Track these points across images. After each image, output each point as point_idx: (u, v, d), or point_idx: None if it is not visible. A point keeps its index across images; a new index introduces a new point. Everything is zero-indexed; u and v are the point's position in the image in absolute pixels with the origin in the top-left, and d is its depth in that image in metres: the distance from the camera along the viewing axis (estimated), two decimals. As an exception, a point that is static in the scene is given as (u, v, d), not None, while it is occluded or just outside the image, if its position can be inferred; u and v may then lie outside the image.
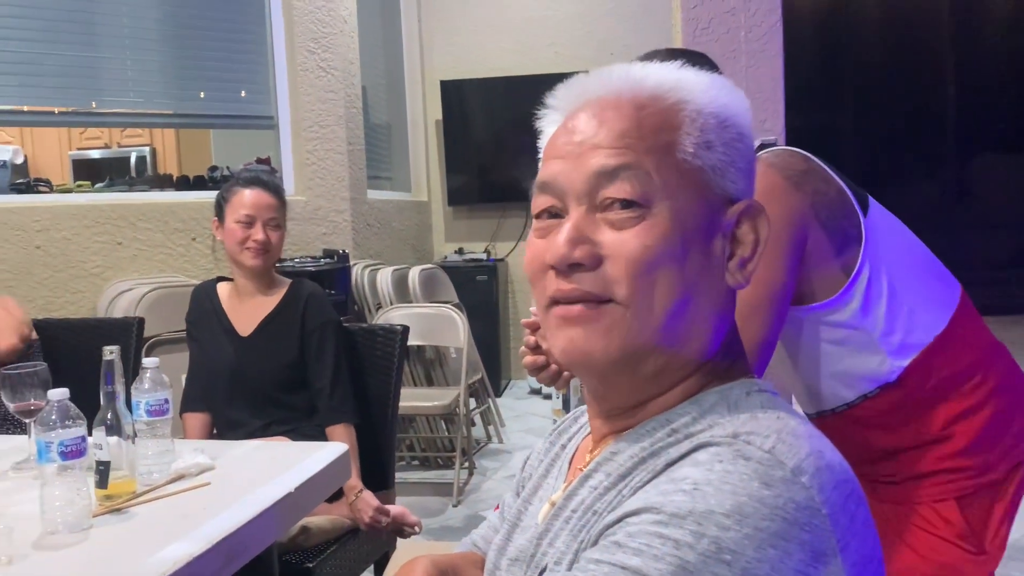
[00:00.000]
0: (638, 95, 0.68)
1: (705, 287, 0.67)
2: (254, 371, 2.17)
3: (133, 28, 3.88)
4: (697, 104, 0.68)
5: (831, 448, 0.63)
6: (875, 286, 1.29)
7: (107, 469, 1.39)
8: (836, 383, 1.36)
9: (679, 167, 0.66)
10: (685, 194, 0.66)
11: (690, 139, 0.67)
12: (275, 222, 2.21)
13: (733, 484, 0.56)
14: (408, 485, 3.83)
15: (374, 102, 5.41)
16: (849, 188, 1.33)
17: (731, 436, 0.60)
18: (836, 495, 0.58)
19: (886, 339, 1.30)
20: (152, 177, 5.40)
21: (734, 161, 0.68)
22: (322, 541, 1.97)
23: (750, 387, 0.69)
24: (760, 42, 1.96)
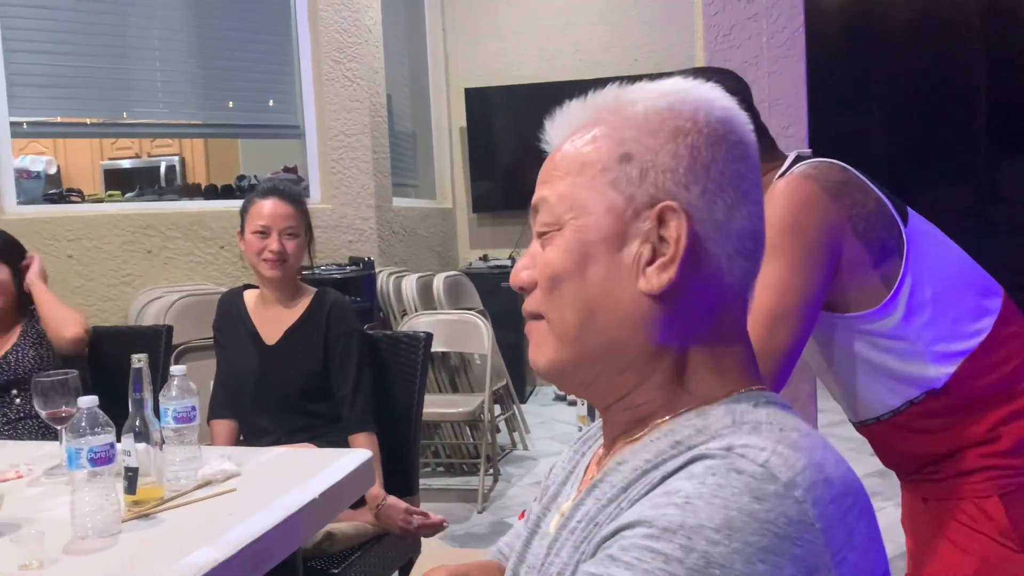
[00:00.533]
0: (572, 123, 0.73)
1: (614, 296, 0.68)
2: (279, 379, 2.19)
3: (163, 40, 3.95)
4: (621, 118, 0.70)
5: (835, 461, 0.63)
6: (918, 296, 1.30)
7: (135, 475, 1.41)
8: (881, 390, 1.36)
9: (588, 185, 0.69)
10: (588, 209, 0.69)
11: (604, 155, 0.69)
12: (291, 231, 2.20)
13: (724, 498, 0.56)
14: (433, 491, 3.84)
15: (399, 110, 5.45)
16: (888, 198, 1.34)
17: (726, 449, 0.60)
18: (832, 509, 0.58)
19: (931, 347, 1.30)
20: (181, 186, 5.48)
21: (659, 163, 0.67)
22: (347, 547, 1.99)
23: (758, 399, 0.68)
24: (783, 47, 1.95)
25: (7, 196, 3.40)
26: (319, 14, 4.26)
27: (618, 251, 0.68)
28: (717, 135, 0.68)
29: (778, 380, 1.26)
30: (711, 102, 0.70)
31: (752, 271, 0.70)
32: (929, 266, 1.32)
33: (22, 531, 1.32)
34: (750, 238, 0.69)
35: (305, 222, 2.27)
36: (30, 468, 1.69)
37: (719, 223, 0.67)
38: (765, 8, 1.95)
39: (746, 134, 0.71)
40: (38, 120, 3.69)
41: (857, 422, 1.47)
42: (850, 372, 1.39)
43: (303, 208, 2.28)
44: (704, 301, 0.68)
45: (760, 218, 0.70)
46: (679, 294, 0.67)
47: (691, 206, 0.66)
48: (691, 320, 0.68)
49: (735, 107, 0.71)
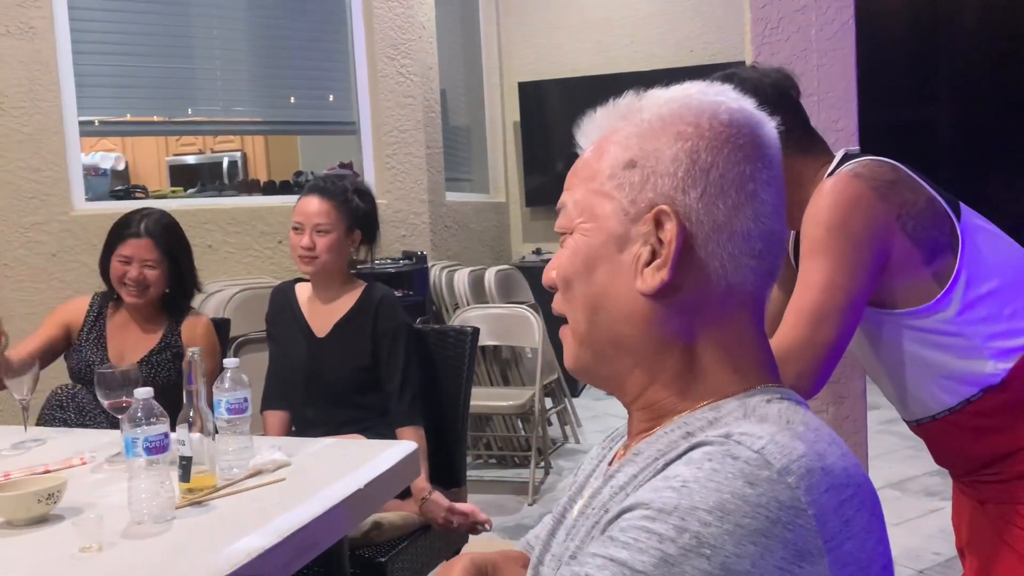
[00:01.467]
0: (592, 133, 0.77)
1: (616, 297, 0.72)
2: (329, 372, 2.24)
3: (224, 40, 4.06)
4: (627, 128, 0.73)
5: (841, 454, 0.64)
6: (974, 291, 1.29)
7: (189, 464, 1.47)
8: (936, 388, 1.35)
9: (597, 191, 0.73)
10: (594, 214, 0.73)
11: (610, 162, 0.73)
12: (321, 228, 2.21)
13: (718, 482, 0.58)
14: (484, 483, 3.88)
15: (453, 105, 5.49)
16: (940, 195, 1.33)
17: (724, 436, 0.62)
18: (828, 498, 0.60)
19: (988, 343, 1.29)
20: (242, 182, 5.62)
21: (659, 169, 0.70)
22: (394, 537, 2.03)
23: (772, 394, 0.70)
24: (832, 40, 1.92)
25: (76, 193, 3.54)
26: (374, 11, 4.32)
27: (619, 253, 0.72)
28: (720, 139, 0.70)
29: (820, 377, 1.26)
30: (717, 106, 0.72)
31: (764, 269, 0.71)
32: (985, 261, 1.30)
33: (83, 515, 1.39)
34: (758, 238, 0.70)
35: (346, 218, 2.25)
36: (93, 455, 1.77)
37: (719, 225, 0.69)
38: (814, 0, 1.92)
39: (759, 135, 0.72)
40: (107, 119, 3.84)
41: (911, 421, 1.45)
42: (900, 370, 1.37)
43: (341, 204, 2.25)
44: (707, 300, 0.71)
45: (771, 217, 0.71)
46: (678, 293, 0.70)
47: (689, 209, 0.69)
48: (695, 318, 0.71)
49: (747, 109, 0.73)
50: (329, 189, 2.27)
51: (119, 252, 2.27)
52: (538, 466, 3.78)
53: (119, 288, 2.29)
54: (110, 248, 2.30)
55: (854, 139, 1.95)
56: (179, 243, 2.37)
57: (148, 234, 2.28)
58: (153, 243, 2.27)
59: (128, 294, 2.28)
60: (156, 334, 2.36)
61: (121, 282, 2.27)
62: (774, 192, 0.72)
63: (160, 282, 2.31)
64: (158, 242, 2.28)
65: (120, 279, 2.27)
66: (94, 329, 2.35)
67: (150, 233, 2.28)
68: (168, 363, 2.33)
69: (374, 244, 2.39)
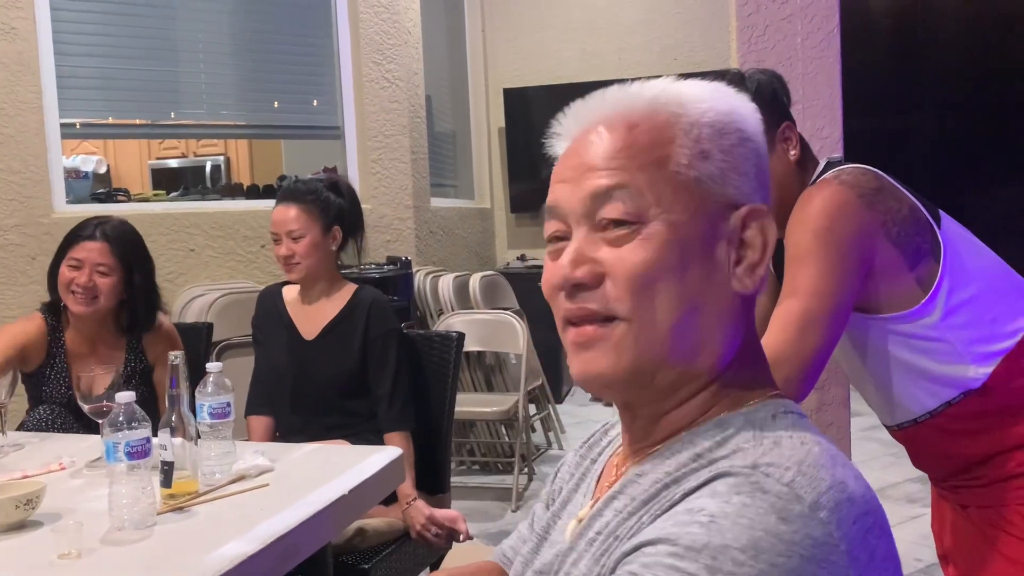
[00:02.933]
0: (631, 114, 0.69)
1: (711, 296, 0.68)
2: (316, 375, 2.22)
3: (208, 43, 4.03)
4: (691, 116, 0.69)
5: (855, 477, 0.62)
6: (957, 297, 1.30)
7: (171, 469, 1.45)
8: (919, 392, 1.36)
9: (673, 180, 0.67)
10: (680, 205, 0.67)
11: (684, 151, 0.67)
12: (295, 233, 2.18)
13: (750, 518, 0.55)
14: (468, 489, 3.87)
15: (438, 110, 5.49)
16: (920, 202, 1.35)
17: (750, 467, 0.59)
18: (856, 530, 0.58)
19: (970, 348, 1.30)
20: (225, 186, 5.59)
21: (736, 166, 0.69)
22: (378, 543, 2.02)
23: (776, 408, 0.68)
24: (817, 48, 1.93)
25: (57, 195, 3.50)
26: (359, 16, 4.31)
27: (712, 250, 0.68)
28: (763, 142, 0.72)
29: (806, 384, 1.26)
30: (751, 108, 0.73)
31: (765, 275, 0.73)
32: (966, 268, 1.32)
33: (62, 521, 1.37)
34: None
35: (320, 218, 2.21)
36: (73, 460, 1.74)
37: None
38: (800, 9, 1.93)
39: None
40: (89, 121, 3.80)
41: (893, 425, 1.46)
42: (885, 374, 1.38)
43: (312, 205, 2.21)
44: (749, 305, 0.71)
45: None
46: (751, 298, 0.71)
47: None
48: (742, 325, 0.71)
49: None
50: (298, 193, 2.25)
51: (70, 256, 2.10)
52: (522, 472, 3.77)
53: (66, 297, 2.10)
54: (61, 254, 2.12)
55: (838, 147, 1.96)
56: (137, 253, 2.20)
57: (104, 238, 2.12)
58: (108, 247, 2.12)
59: (75, 302, 2.08)
60: (119, 355, 2.21)
61: (69, 289, 2.09)
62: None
63: (112, 293, 2.12)
64: (113, 247, 2.12)
65: (68, 285, 2.08)
66: (55, 363, 2.15)
67: (106, 237, 2.13)
68: (138, 386, 2.21)
69: (359, 238, 2.35)
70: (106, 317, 2.19)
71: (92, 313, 2.13)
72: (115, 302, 2.16)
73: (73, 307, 2.11)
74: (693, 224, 0.67)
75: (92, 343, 2.21)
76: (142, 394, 2.16)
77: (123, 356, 2.24)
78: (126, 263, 2.15)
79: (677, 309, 0.66)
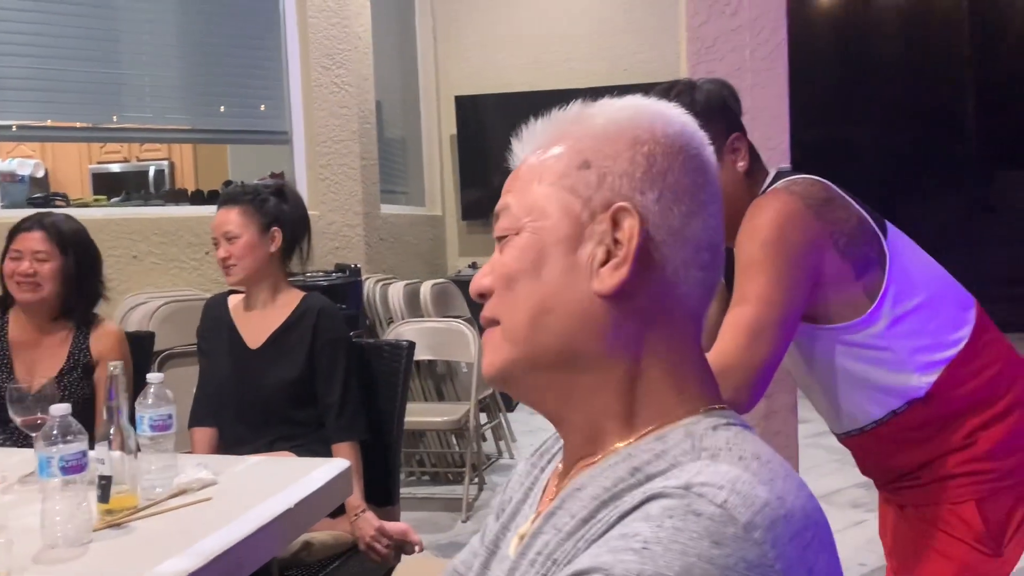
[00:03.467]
0: (539, 140, 0.75)
1: (567, 297, 0.68)
2: (262, 385, 2.17)
3: (152, 44, 3.94)
4: (578, 131, 0.72)
5: (797, 489, 0.61)
6: (902, 306, 1.32)
7: (109, 484, 1.40)
8: (866, 401, 1.38)
9: (548, 190, 0.70)
10: (546, 212, 0.70)
11: (563, 163, 0.71)
12: (231, 234, 2.15)
13: (683, 543, 0.54)
14: (417, 500, 3.83)
15: (389, 117, 5.45)
16: (868, 213, 1.37)
17: (684, 488, 0.58)
18: (792, 548, 0.57)
19: (914, 357, 1.33)
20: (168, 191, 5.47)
21: (618, 169, 0.69)
22: (325, 557, 1.98)
23: (718, 420, 0.67)
24: (766, 60, 1.96)
25: (-9, 200, 3.38)
26: (308, 21, 4.26)
27: (573, 252, 0.69)
28: (675, 146, 0.70)
29: (756, 392, 1.27)
30: (668, 116, 0.72)
31: (708, 283, 0.70)
32: (911, 278, 1.35)
33: (-9, 540, 1.31)
34: (706, 249, 0.70)
35: (257, 218, 2.17)
36: (4, 475, 1.68)
37: (674, 229, 0.68)
38: (749, 21, 1.96)
39: (703, 149, 0.72)
40: (26, 123, 3.69)
41: (841, 433, 1.48)
42: (833, 384, 1.40)
43: (249, 205, 2.18)
44: (657, 308, 0.68)
45: (717, 231, 0.71)
46: (631, 297, 0.67)
47: (646, 210, 0.68)
48: (644, 327, 0.68)
49: (691, 123, 0.73)
50: (235, 195, 2.22)
51: (11, 249, 2.20)
52: (472, 482, 3.74)
53: (11, 288, 2.20)
54: (5, 250, 2.23)
55: (786, 158, 1.99)
56: (77, 241, 2.27)
57: (40, 227, 2.21)
58: (45, 235, 2.20)
59: (19, 291, 2.18)
60: (63, 349, 2.24)
61: (13, 280, 2.19)
62: (717, 209, 0.72)
63: (54, 279, 2.19)
64: (50, 233, 2.21)
65: (11, 276, 2.19)
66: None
67: (43, 226, 2.22)
68: (80, 380, 2.23)
69: (303, 244, 2.30)
70: (51, 308, 2.24)
71: (39, 301, 2.20)
72: (59, 289, 2.22)
73: (18, 296, 2.20)
74: (555, 229, 0.69)
75: (37, 336, 2.26)
76: (82, 389, 2.22)
77: (67, 351, 2.25)
78: (63, 248, 2.22)
79: (531, 310, 0.69)
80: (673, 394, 0.69)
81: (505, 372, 0.71)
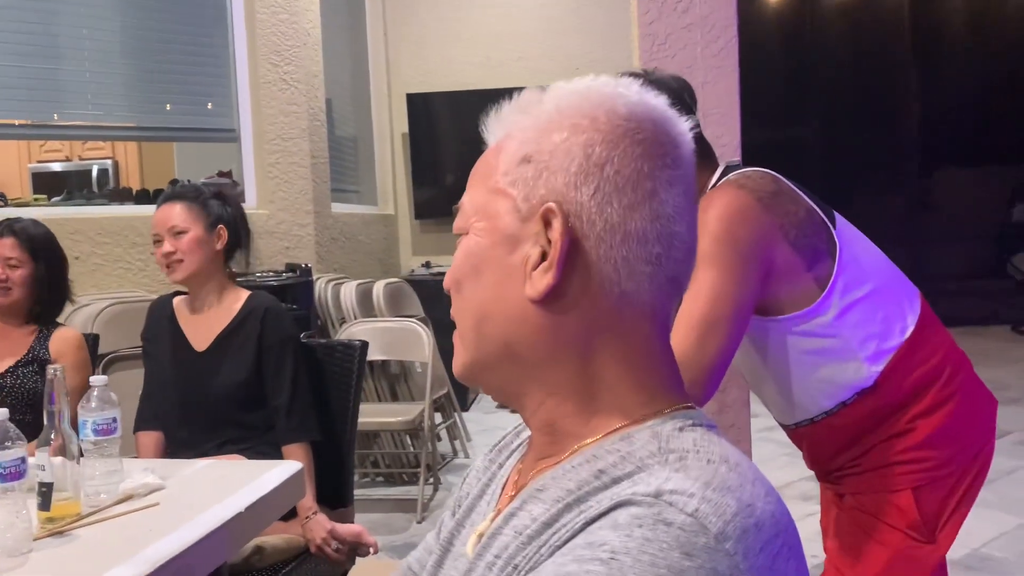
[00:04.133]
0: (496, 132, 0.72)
1: (504, 300, 0.67)
2: (209, 388, 2.12)
3: (94, 40, 3.84)
4: (524, 121, 0.68)
5: (765, 494, 0.60)
6: (851, 295, 1.34)
7: (50, 491, 1.36)
8: (815, 393, 1.39)
9: (493, 188, 0.68)
10: (490, 211, 0.68)
11: (508, 157, 0.68)
12: (178, 229, 2.11)
13: (652, 554, 0.53)
14: (371, 502, 3.79)
15: (339, 115, 5.39)
16: (817, 205, 1.38)
17: (653, 495, 0.56)
18: (763, 558, 0.56)
19: (863, 346, 1.34)
20: (112, 190, 5.34)
21: (554, 164, 0.65)
22: (277, 561, 1.94)
23: (683, 422, 0.65)
24: (716, 58, 1.97)
25: (-76, 199, 3.26)
26: (256, 16, 4.19)
27: (510, 254, 0.67)
28: (618, 133, 0.65)
29: (709, 388, 1.27)
30: (616, 98, 0.67)
31: (662, 277, 0.66)
32: (860, 267, 1.37)
33: (-75, 552, 1.26)
34: (656, 241, 0.65)
35: (203, 216, 2.14)
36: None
37: (613, 225, 0.64)
38: (700, 18, 1.97)
39: (663, 132, 0.67)
40: (-40, 121, 3.57)
41: (791, 425, 1.49)
42: (784, 376, 1.42)
43: (194, 202, 2.15)
44: (601, 307, 0.65)
45: (672, 219, 0.66)
46: (568, 299, 0.65)
47: (580, 207, 0.64)
48: (590, 327, 0.65)
49: (650, 103, 0.68)
50: (177, 192, 2.19)
51: None
52: (427, 482, 3.72)
53: None
54: None
55: (737, 155, 2.01)
56: (48, 247, 2.33)
57: (12, 233, 2.26)
58: (17, 241, 2.25)
59: None
60: (24, 346, 2.25)
61: None
62: (678, 193, 0.66)
63: (25, 284, 2.25)
64: (22, 240, 2.25)
65: None
66: None
67: (14, 232, 2.26)
68: (35, 375, 2.22)
69: (246, 247, 2.27)
70: (16, 309, 2.28)
71: (8, 305, 2.25)
72: (29, 293, 2.27)
73: None
74: (496, 230, 0.67)
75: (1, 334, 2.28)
76: (34, 382, 2.23)
77: (27, 346, 2.27)
78: (35, 254, 2.27)
79: (474, 315, 0.69)
80: (633, 393, 0.66)
81: (464, 374, 0.72)
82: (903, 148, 7.97)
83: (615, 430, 0.65)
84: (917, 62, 7.88)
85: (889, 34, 7.96)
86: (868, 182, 7.85)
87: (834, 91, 7.99)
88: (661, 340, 0.68)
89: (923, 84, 7.91)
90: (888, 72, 7.99)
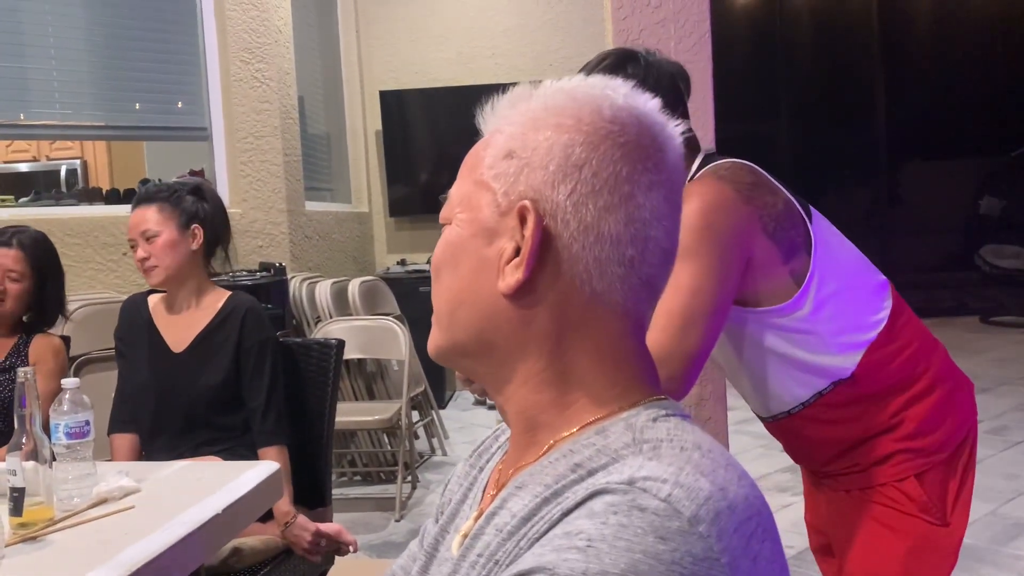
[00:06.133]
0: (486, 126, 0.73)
1: (478, 293, 0.68)
2: (186, 390, 2.10)
3: (60, 38, 3.78)
4: (512, 117, 0.69)
5: (739, 478, 0.61)
6: (825, 290, 1.34)
7: (22, 496, 1.33)
8: (792, 384, 1.40)
9: (478, 180, 0.69)
10: (473, 203, 0.69)
11: (492, 153, 0.69)
12: (150, 232, 2.08)
13: (628, 540, 0.54)
14: (349, 501, 3.77)
15: (312, 113, 5.35)
16: (793, 197, 1.39)
17: (627, 483, 0.57)
18: (737, 539, 0.57)
19: (838, 337, 1.35)
20: (82, 191, 5.26)
21: (535, 161, 0.66)
22: (255, 562, 1.93)
23: (657, 412, 0.66)
24: (690, 53, 1.98)
25: None
26: (226, 13, 4.15)
27: (487, 246, 0.68)
28: (599, 135, 0.65)
29: (689, 379, 1.28)
30: (602, 100, 0.67)
31: (635, 280, 0.66)
32: (835, 260, 1.38)
33: None
34: (629, 244, 0.65)
35: (176, 216, 2.11)
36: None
37: (587, 226, 0.65)
38: (673, 13, 1.98)
39: (647, 136, 0.67)
40: (-77, 121, 3.50)
41: (768, 417, 1.50)
42: (761, 367, 1.42)
43: (166, 203, 2.11)
44: (571, 305, 0.66)
45: (649, 224, 0.66)
46: (538, 295, 0.66)
47: (556, 206, 0.65)
48: (560, 324, 0.66)
49: (637, 107, 0.68)
50: (149, 193, 2.15)
51: None
52: (405, 481, 3.71)
53: None
54: None
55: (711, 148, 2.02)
56: (50, 263, 2.28)
57: (19, 246, 2.20)
58: (23, 255, 2.20)
59: None
60: (3, 352, 2.21)
61: None
62: (658, 197, 0.67)
63: (21, 299, 2.20)
64: (27, 254, 2.20)
65: None
66: None
67: (21, 245, 2.21)
68: (11, 382, 2.17)
69: (224, 243, 2.23)
70: (4, 319, 2.23)
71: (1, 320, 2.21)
72: (23, 306, 2.23)
73: None
74: (476, 221, 0.69)
75: None
76: (10, 392, 2.17)
77: (6, 353, 2.23)
78: (39, 271, 2.23)
79: (449, 302, 0.71)
80: (607, 388, 0.67)
81: (438, 355, 0.74)
82: (871, 143, 8.07)
83: (590, 423, 0.66)
84: (884, 58, 7.98)
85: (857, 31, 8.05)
86: (837, 176, 7.94)
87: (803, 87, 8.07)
88: (635, 339, 0.69)
89: (890, 80, 8.01)
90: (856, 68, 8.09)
